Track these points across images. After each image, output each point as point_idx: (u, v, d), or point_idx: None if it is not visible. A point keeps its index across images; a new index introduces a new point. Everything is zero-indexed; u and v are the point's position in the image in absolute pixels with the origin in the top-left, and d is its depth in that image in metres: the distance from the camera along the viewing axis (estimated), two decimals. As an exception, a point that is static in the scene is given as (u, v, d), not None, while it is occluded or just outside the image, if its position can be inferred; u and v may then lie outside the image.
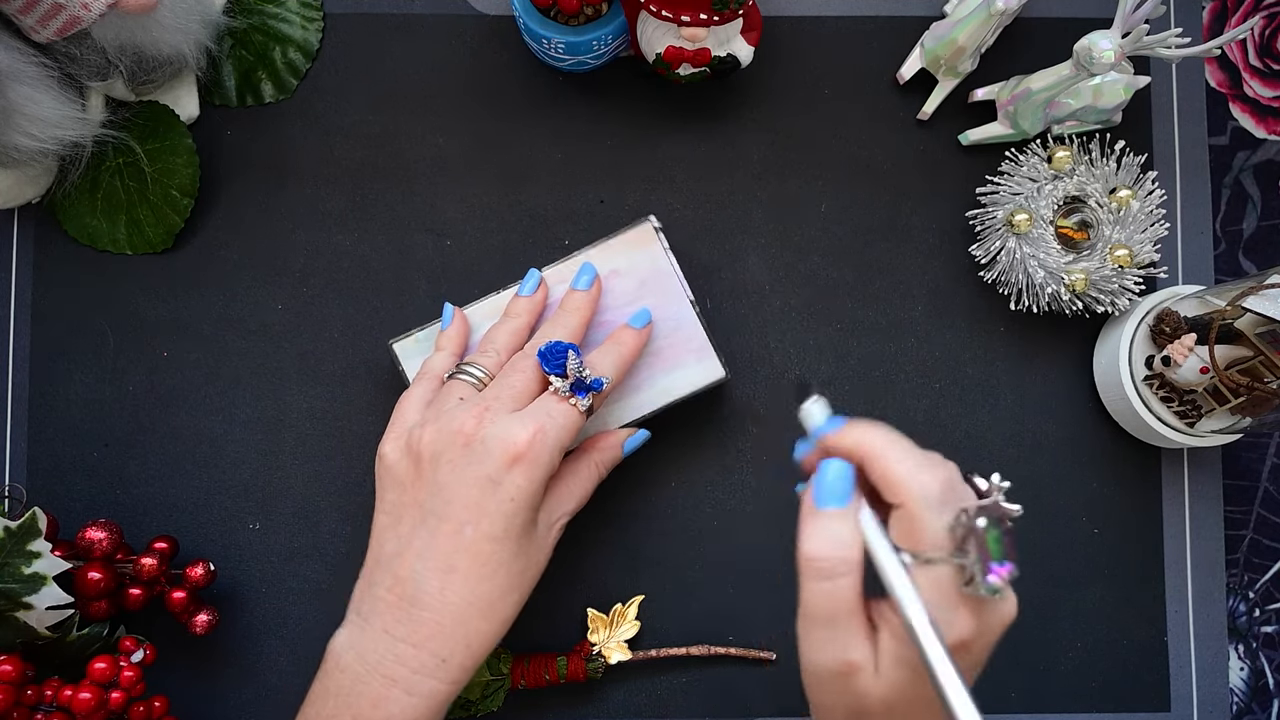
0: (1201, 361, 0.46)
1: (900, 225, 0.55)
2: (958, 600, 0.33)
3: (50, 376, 0.53)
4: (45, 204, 0.53)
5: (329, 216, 0.54)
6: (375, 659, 0.39)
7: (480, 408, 0.41)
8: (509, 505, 0.40)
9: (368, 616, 0.40)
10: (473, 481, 0.40)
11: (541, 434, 0.40)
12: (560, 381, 0.43)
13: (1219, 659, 0.54)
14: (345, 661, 0.39)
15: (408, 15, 0.55)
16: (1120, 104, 0.50)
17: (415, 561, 0.39)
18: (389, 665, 0.38)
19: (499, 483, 0.40)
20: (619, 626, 0.52)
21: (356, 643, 0.39)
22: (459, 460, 0.40)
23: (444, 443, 0.40)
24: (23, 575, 0.44)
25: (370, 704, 0.38)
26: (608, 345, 0.46)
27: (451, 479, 0.40)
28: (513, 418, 0.41)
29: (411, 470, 0.41)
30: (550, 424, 0.41)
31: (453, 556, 0.39)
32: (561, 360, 0.43)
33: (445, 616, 0.39)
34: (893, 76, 0.55)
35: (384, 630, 0.39)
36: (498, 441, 0.40)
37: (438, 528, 0.40)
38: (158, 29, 0.48)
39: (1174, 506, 0.54)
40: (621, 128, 0.55)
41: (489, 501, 0.40)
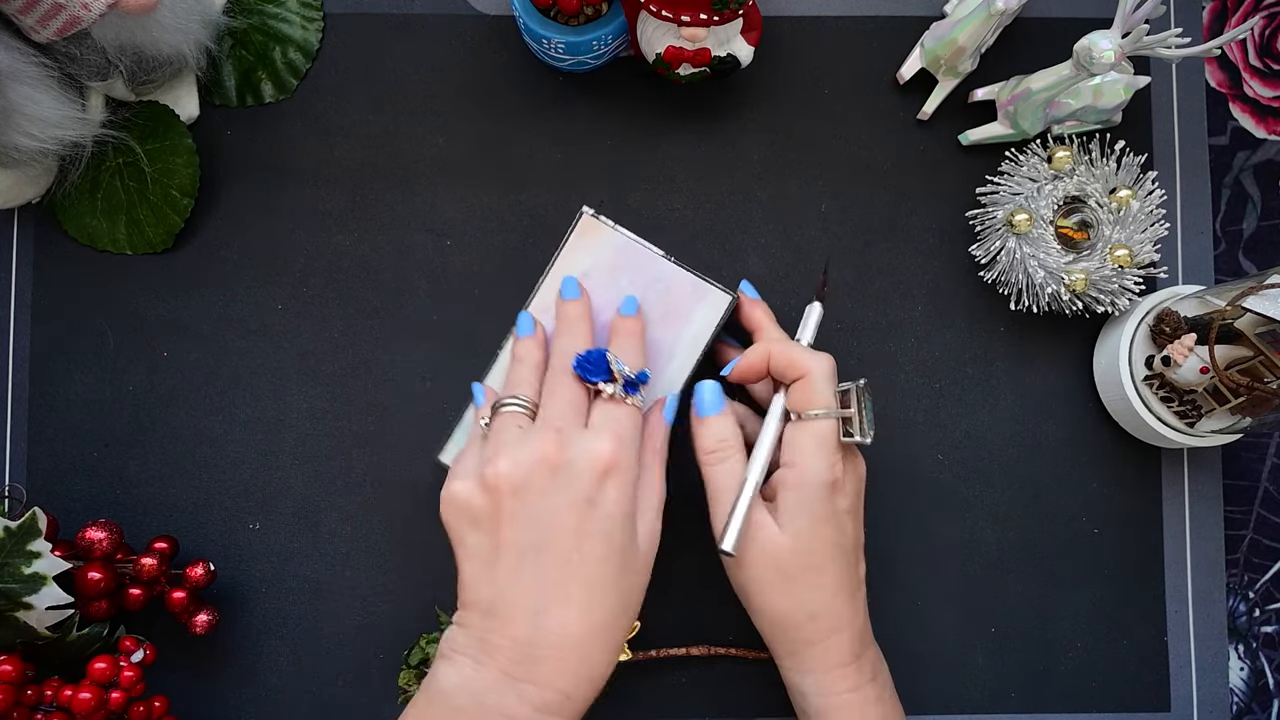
0: (1201, 361, 0.46)
1: (900, 225, 0.55)
2: (836, 446, 0.44)
3: (50, 376, 0.53)
4: (45, 204, 0.53)
5: (329, 216, 0.54)
6: (495, 701, 0.37)
7: (553, 430, 0.40)
8: (608, 522, 0.40)
9: (479, 659, 0.38)
10: (568, 506, 0.39)
11: (620, 440, 0.41)
12: (611, 386, 0.42)
13: (1219, 659, 0.54)
14: (459, 702, 0.37)
15: (408, 15, 0.55)
16: (1120, 104, 0.50)
17: (526, 599, 0.38)
18: (512, 707, 0.37)
19: (595, 501, 0.39)
20: (619, 626, 0.52)
21: (470, 685, 0.38)
22: (548, 488, 0.39)
23: (526, 472, 0.39)
24: (23, 575, 0.44)
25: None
26: (619, 340, 0.46)
27: (545, 508, 0.39)
28: (589, 434, 0.41)
29: (491, 507, 0.39)
30: (623, 430, 0.41)
31: (565, 587, 0.38)
32: (604, 365, 0.43)
33: (566, 651, 0.38)
34: (893, 76, 0.55)
35: (503, 672, 0.38)
36: (585, 460, 0.40)
37: (540, 560, 0.38)
38: (158, 29, 0.48)
39: (1174, 506, 0.54)
40: (621, 128, 0.55)
41: (589, 523, 0.39)
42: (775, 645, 0.46)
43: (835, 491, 0.43)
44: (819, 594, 0.44)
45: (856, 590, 0.45)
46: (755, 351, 0.46)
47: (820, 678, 0.44)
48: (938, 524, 0.54)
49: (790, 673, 0.46)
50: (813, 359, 0.45)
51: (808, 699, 0.45)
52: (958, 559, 0.54)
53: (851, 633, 0.44)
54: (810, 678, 0.44)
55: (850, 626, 0.44)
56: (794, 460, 0.44)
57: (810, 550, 0.43)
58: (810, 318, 0.49)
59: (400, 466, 0.53)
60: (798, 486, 0.43)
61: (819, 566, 0.44)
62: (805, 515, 0.43)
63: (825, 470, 0.43)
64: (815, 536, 0.43)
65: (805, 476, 0.43)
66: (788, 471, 0.44)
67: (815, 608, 0.44)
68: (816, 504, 0.43)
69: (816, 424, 0.44)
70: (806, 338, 0.48)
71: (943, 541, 0.54)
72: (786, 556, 0.43)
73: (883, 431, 0.54)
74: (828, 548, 0.44)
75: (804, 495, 0.43)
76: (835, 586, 0.44)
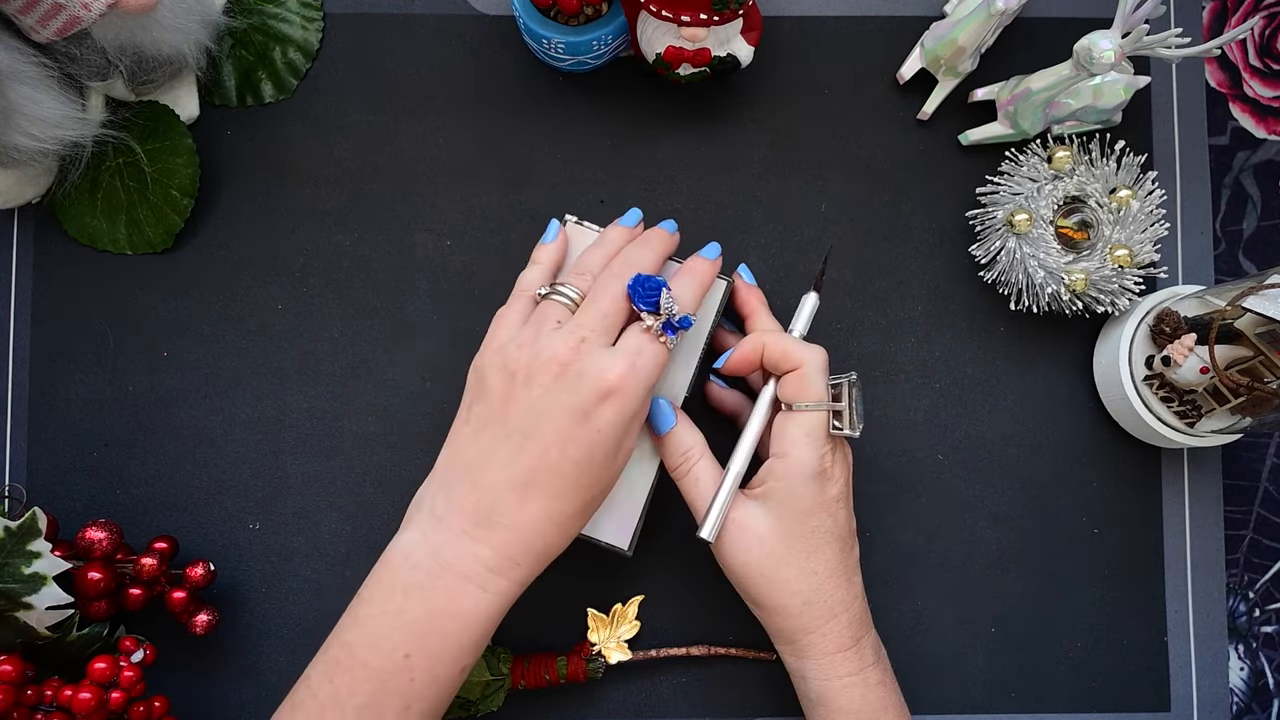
0: (1201, 361, 0.46)
1: (900, 225, 0.55)
2: (826, 438, 0.44)
3: (50, 376, 0.53)
4: (45, 204, 0.53)
5: (329, 216, 0.54)
6: (452, 556, 0.40)
7: (576, 337, 0.42)
8: (596, 435, 0.41)
9: (442, 518, 0.41)
10: (565, 409, 0.41)
11: (634, 372, 0.41)
12: (653, 319, 0.43)
13: (1219, 659, 0.54)
14: (417, 559, 0.41)
15: (408, 15, 0.55)
16: (1120, 104, 0.50)
17: (497, 472, 0.41)
18: (466, 563, 0.40)
19: (589, 414, 0.41)
20: (619, 626, 0.52)
21: (430, 541, 0.41)
22: (553, 387, 0.41)
23: (539, 367, 0.41)
24: (23, 575, 0.44)
25: (446, 598, 0.40)
26: (684, 277, 0.46)
27: (544, 403, 0.41)
28: (608, 352, 0.42)
29: (504, 387, 0.42)
30: (642, 362, 0.42)
31: (535, 473, 0.41)
32: (655, 297, 0.43)
33: (521, 527, 0.41)
34: (893, 76, 0.55)
35: (462, 531, 0.41)
36: (592, 375, 0.41)
37: (524, 445, 0.41)
38: (158, 29, 0.48)
39: (1174, 506, 0.54)
40: (621, 128, 0.55)
41: (578, 430, 0.41)
42: (775, 633, 0.46)
43: (825, 481, 0.44)
44: (813, 580, 0.44)
45: (852, 575, 0.46)
46: (749, 343, 0.47)
47: (821, 663, 0.45)
48: (938, 524, 0.54)
49: (791, 659, 0.46)
50: (807, 352, 0.45)
51: (809, 684, 0.45)
52: (958, 559, 0.54)
53: (849, 617, 0.45)
54: (811, 663, 0.45)
55: (847, 611, 0.45)
56: (784, 451, 0.44)
57: (802, 537, 0.44)
58: (805, 308, 0.49)
59: (400, 466, 0.53)
60: (787, 476, 0.44)
61: (811, 554, 0.44)
62: (795, 504, 0.44)
63: (815, 461, 0.44)
64: (806, 525, 0.44)
65: (795, 467, 0.44)
66: (777, 462, 0.45)
67: (810, 595, 0.44)
68: (806, 493, 0.44)
69: (808, 416, 0.44)
70: (800, 328, 0.48)
71: (943, 541, 0.54)
72: (779, 545, 0.44)
73: (883, 432, 0.54)
74: (819, 535, 0.44)
75: (793, 485, 0.44)
76: (828, 572, 0.45)
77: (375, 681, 0.40)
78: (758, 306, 0.49)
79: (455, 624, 0.40)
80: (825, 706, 0.45)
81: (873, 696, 0.45)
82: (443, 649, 0.40)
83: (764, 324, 0.48)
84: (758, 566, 0.44)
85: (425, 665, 0.40)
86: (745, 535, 0.45)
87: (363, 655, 0.40)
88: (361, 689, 0.40)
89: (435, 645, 0.40)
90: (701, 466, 0.46)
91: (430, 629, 0.40)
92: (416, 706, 0.40)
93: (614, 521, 0.49)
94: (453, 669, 0.41)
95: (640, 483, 0.49)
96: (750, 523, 0.45)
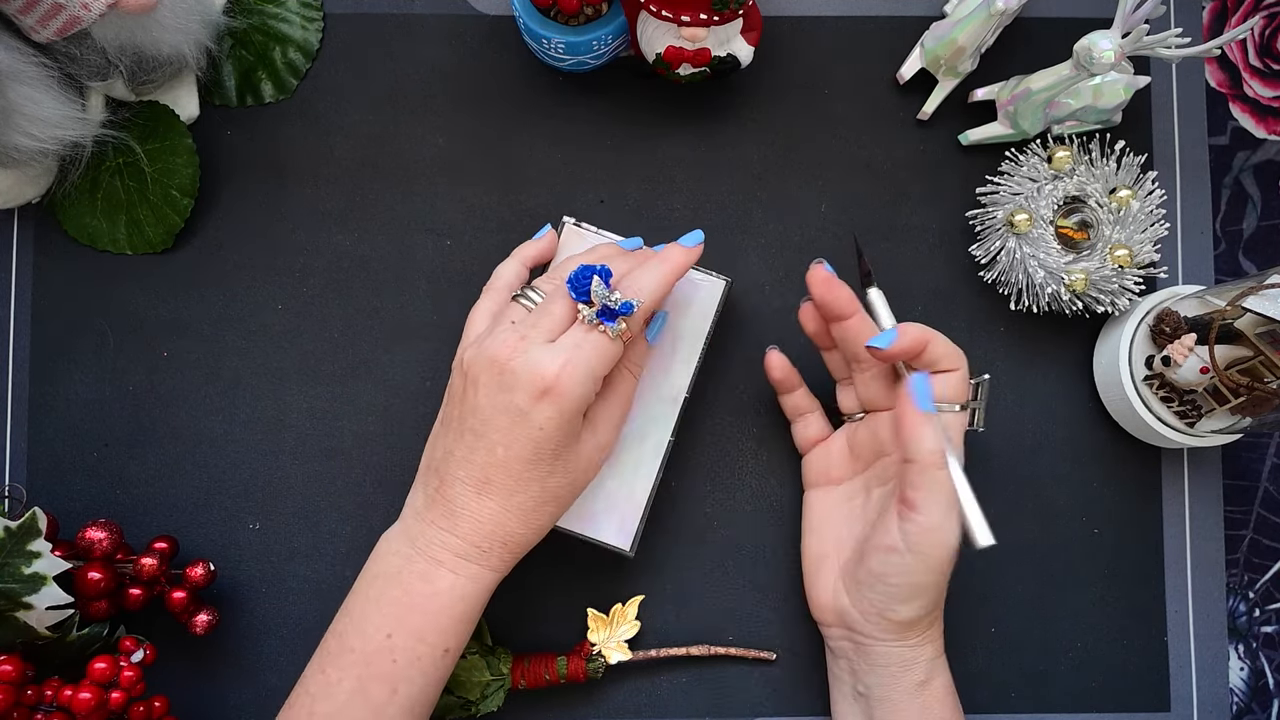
0: (1201, 361, 0.46)
1: (900, 225, 0.55)
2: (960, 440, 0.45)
3: (50, 376, 0.53)
4: (45, 204, 0.53)
5: (329, 216, 0.54)
6: (424, 543, 0.42)
7: (517, 336, 0.42)
8: (538, 433, 0.41)
9: (420, 511, 0.43)
10: (503, 409, 0.41)
11: (570, 366, 0.41)
12: (586, 309, 0.42)
13: (1219, 659, 0.54)
14: (395, 546, 0.43)
15: (408, 15, 0.55)
16: (1120, 104, 0.50)
17: (457, 469, 0.42)
18: (435, 549, 0.42)
19: (527, 413, 0.41)
20: (619, 626, 0.52)
21: (408, 530, 0.43)
22: (492, 386, 0.41)
23: (481, 367, 0.42)
24: (23, 575, 0.44)
25: (421, 579, 0.42)
26: (650, 262, 0.45)
27: (485, 403, 0.41)
28: (543, 350, 0.41)
29: (460, 387, 0.43)
30: (579, 355, 0.41)
31: (488, 470, 0.42)
32: (586, 286, 0.42)
33: (482, 519, 0.42)
34: (893, 76, 0.55)
35: (432, 522, 0.42)
36: (526, 373, 0.41)
37: (475, 444, 0.42)
38: (158, 29, 0.48)
39: (1174, 506, 0.54)
40: (621, 128, 0.55)
41: (518, 429, 0.41)
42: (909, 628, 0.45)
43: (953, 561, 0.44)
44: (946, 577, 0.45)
45: None
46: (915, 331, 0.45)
47: (937, 644, 0.46)
48: (938, 524, 0.54)
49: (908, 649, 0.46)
50: (957, 354, 0.45)
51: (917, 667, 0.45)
52: (958, 559, 0.54)
53: None
54: (930, 646, 0.46)
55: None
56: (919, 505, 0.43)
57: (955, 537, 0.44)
58: (878, 304, 0.47)
59: (400, 466, 0.53)
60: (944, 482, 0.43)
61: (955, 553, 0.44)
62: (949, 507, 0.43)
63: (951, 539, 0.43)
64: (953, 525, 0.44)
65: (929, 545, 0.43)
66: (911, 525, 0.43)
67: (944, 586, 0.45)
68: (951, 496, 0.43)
69: (955, 416, 0.45)
70: (888, 321, 0.47)
71: (943, 541, 0.54)
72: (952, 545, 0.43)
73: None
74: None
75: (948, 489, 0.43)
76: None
77: (360, 665, 0.41)
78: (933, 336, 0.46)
79: (433, 603, 0.41)
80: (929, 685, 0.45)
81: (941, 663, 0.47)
82: (423, 627, 0.41)
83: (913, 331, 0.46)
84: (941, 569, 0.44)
85: (407, 645, 0.41)
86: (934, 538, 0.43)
87: (350, 641, 0.42)
88: (349, 674, 0.41)
89: (415, 624, 0.41)
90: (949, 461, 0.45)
91: (410, 608, 0.41)
92: (402, 689, 0.41)
93: (615, 522, 0.49)
94: (435, 650, 0.42)
95: (641, 484, 0.49)
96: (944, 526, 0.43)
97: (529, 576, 0.51)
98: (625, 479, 0.49)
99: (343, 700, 0.40)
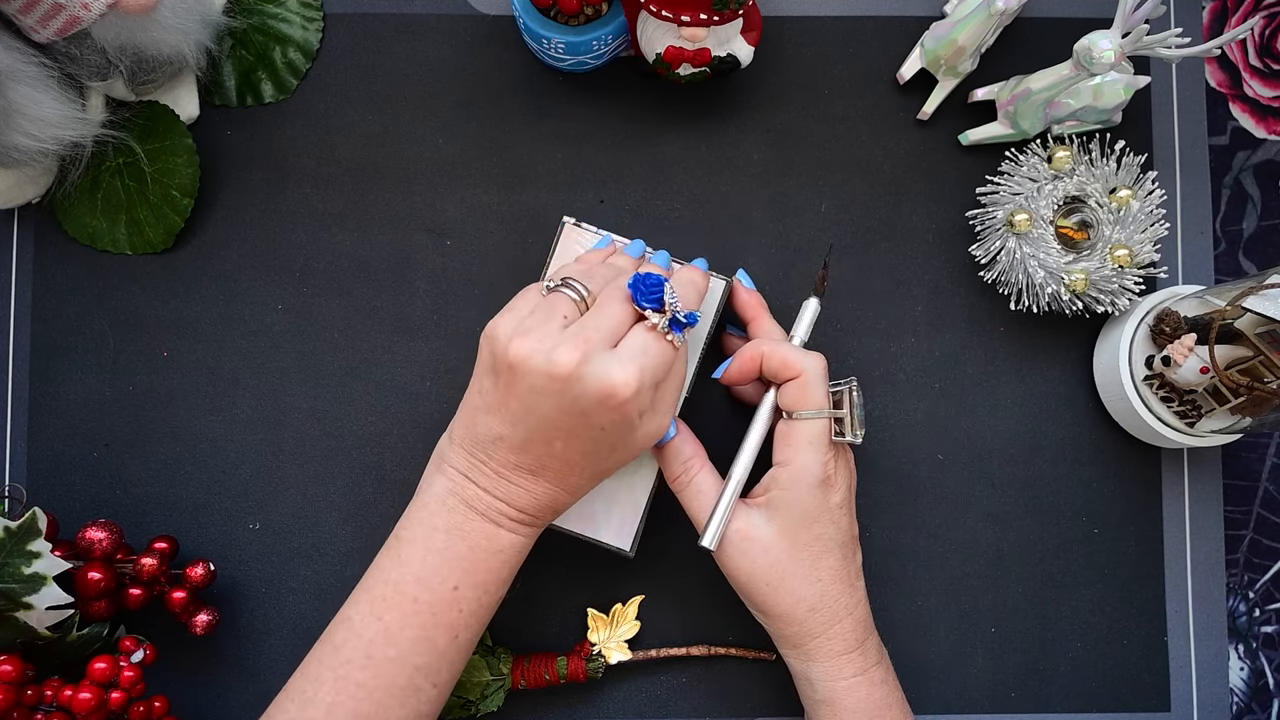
0: (1201, 361, 0.46)
1: (900, 225, 0.55)
2: (828, 445, 0.45)
3: (50, 376, 0.53)
4: (45, 204, 0.53)
5: (329, 216, 0.54)
6: (482, 507, 0.43)
7: (581, 340, 0.41)
8: (598, 433, 0.41)
9: (467, 474, 0.43)
10: (565, 413, 0.41)
11: (641, 374, 0.41)
12: (657, 317, 0.42)
13: (1219, 659, 0.54)
14: (451, 504, 0.43)
15: (408, 15, 0.55)
16: (1120, 104, 0.50)
17: (508, 454, 0.42)
18: (493, 514, 0.43)
19: (590, 417, 0.41)
20: (619, 626, 0.52)
21: (461, 492, 0.43)
22: (553, 391, 0.40)
23: (541, 369, 0.40)
24: (23, 575, 0.44)
25: (485, 537, 0.43)
26: (683, 276, 0.45)
27: (545, 405, 0.41)
28: (612, 358, 0.41)
29: (507, 375, 0.41)
30: (647, 364, 0.41)
31: (543, 461, 0.42)
32: (658, 294, 0.42)
33: (538, 496, 0.43)
34: (893, 76, 0.55)
35: (485, 490, 0.43)
36: (595, 382, 0.40)
37: (529, 438, 0.42)
38: (158, 29, 0.48)
39: (1174, 506, 0.54)
40: (621, 127, 0.55)
41: (579, 429, 0.41)
42: (780, 639, 0.47)
43: (828, 488, 0.45)
44: (818, 587, 0.45)
45: (855, 580, 0.46)
46: (748, 352, 0.46)
47: (827, 665, 0.45)
48: (938, 524, 0.54)
49: (796, 663, 0.47)
50: (806, 359, 0.45)
51: (815, 686, 0.46)
52: (958, 559, 0.54)
53: (853, 621, 0.45)
54: (817, 666, 0.45)
55: (851, 615, 0.45)
56: (788, 459, 0.45)
57: (806, 545, 0.45)
58: (805, 314, 0.48)
59: (400, 466, 0.53)
60: (790, 485, 0.44)
61: (816, 561, 0.45)
62: (799, 513, 0.44)
63: (819, 468, 0.44)
64: (810, 532, 0.44)
65: (799, 475, 0.44)
66: (781, 470, 0.45)
67: (815, 601, 0.45)
68: (810, 501, 0.44)
69: (810, 424, 0.45)
70: (801, 335, 0.48)
71: (942, 541, 0.54)
72: (783, 554, 0.45)
73: (883, 432, 0.54)
74: (823, 542, 0.45)
75: (797, 494, 0.44)
76: (832, 578, 0.45)
77: (426, 614, 0.42)
78: (759, 311, 0.49)
79: (497, 559, 0.43)
80: (832, 706, 0.45)
81: (877, 695, 0.45)
82: (487, 581, 0.43)
83: (765, 329, 0.48)
84: (763, 575, 0.45)
85: (472, 596, 0.42)
86: (749, 544, 0.45)
87: (411, 590, 0.42)
88: (412, 622, 0.41)
89: (481, 578, 0.43)
90: (702, 477, 0.46)
91: (476, 564, 0.42)
92: (463, 635, 0.43)
93: (615, 523, 0.49)
94: (495, 598, 0.44)
95: (641, 485, 0.49)
96: (754, 532, 0.45)
97: (529, 577, 0.51)
98: (625, 479, 0.49)
99: (406, 647, 0.41)
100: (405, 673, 0.41)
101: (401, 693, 0.41)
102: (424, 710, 0.42)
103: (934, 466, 0.54)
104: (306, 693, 0.41)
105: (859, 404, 0.45)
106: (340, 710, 0.40)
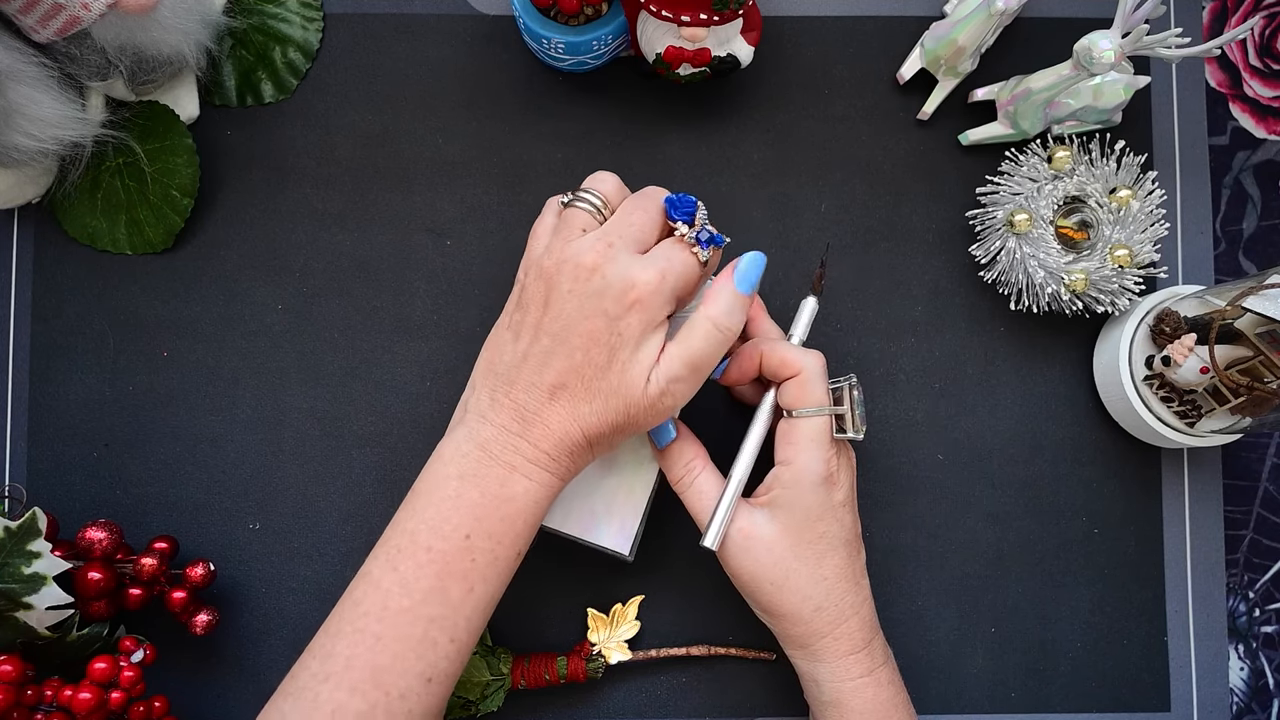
0: (1201, 361, 0.46)
1: (900, 225, 0.55)
2: (830, 443, 0.45)
3: (50, 376, 0.53)
4: (45, 204, 0.53)
5: (329, 216, 0.54)
6: (498, 449, 0.42)
7: (604, 243, 0.41)
8: (617, 340, 0.41)
9: (485, 415, 0.43)
10: (590, 313, 0.41)
11: (662, 280, 0.41)
12: (687, 229, 0.43)
13: (1219, 659, 0.54)
14: (466, 450, 0.42)
15: (408, 15, 0.55)
16: (1120, 104, 0.50)
17: (531, 374, 0.42)
18: (509, 455, 0.42)
19: (614, 319, 0.41)
20: (619, 626, 0.52)
21: (477, 437, 0.42)
22: (580, 291, 0.41)
23: (567, 272, 0.41)
24: (23, 575, 0.44)
25: (498, 483, 0.42)
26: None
27: (572, 309, 0.41)
28: (635, 258, 0.41)
29: (542, 294, 0.42)
30: (670, 269, 0.41)
31: (564, 374, 0.41)
32: (691, 210, 0.43)
33: (552, 424, 0.42)
34: (893, 76, 0.55)
35: (503, 427, 0.42)
36: (618, 280, 0.40)
37: (553, 348, 0.42)
38: (158, 29, 0.48)
39: (1174, 506, 0.54)
40: (621, 127, 0.55)
41: (603, 333, 0.41)
42: (786, 639, 0.46)
43: (831, 486, 0.45)
44: (823, 585, 0.45)
45: (860, 578, 0.46)
46: (746, 352, 0.47)
47: (834, 666, 0.45)
48: (938, 524, 0.54)
49: (803, 663, 0.46)
50: (805, 357, 0.45)
51: (822, 687, 0.45)
52: (958, 559, 0.54)
53: (859, 620, 0.45)
54: (824, 666, 0.45)
55: (857, 614, 0.45)
56: (789, 458, 0.45)
57: (810, 544, 0.44)
58: (803, 313, 0.48)
59: (400, 466, 0.53)
60: (793, 484, 0.44)
61: (820, 559, 0.45)
62: (802, 511, 0.44)
63: (821, 466, 0.44)
64: (814, 531, 0.44)
65: (801, 474, 0.44)
66: (783, 469, 0.45)
67: (821, 600, 0.45)
68: (814, 499, 0.44)
69: (810, 421, 0.45)
70: (799, 334, 0.48)
71: (942, 541, 0.54)
72: (787, 553, 0.44)
73: (883, 432, 0.54)
74: (827, 540, 0.45)
75: (800, 492, 0.44)
76: (838, 576, 0.45)
77: (439, 564, 0.41)
78: (757, 311, 0.49)
79: (510, 506, 0.42)
80: (839, 708, 0.45)
81: (884, 695, 0.45)
82: (500, 531, 0.42)
83: (763, 329, 0.48)
84: (767, 575, 0.45)
85: (486, 546, 0.42)
86: (753, 544, 0.45)
87: (425, 540, 0.41)
88: (426, 572, 0.41)
89: (493, 527, 0.42)
90: (704, 478, 0.46)
91: (487, 511, 0.42)
92: (479, 589, 0.42)
93: (614, 526, 0.49)
94: (510, 551, 0.42)
95: (640, 487, 0.49)
96: (758, 531, 0.45)
97: (529, 576, 0.51)
98: (625, 480, 0.49)
99: (420, 597, 0.41)
100: (420, 624, 0.41)
101: (418, 645, 0.40)
102: (442, 667, 0.41)
103: (934, 466, 0.54)
104: (326, 647, 0.41)
105: (859, 400, 0.45)
106: (358, 662, 0.40)
